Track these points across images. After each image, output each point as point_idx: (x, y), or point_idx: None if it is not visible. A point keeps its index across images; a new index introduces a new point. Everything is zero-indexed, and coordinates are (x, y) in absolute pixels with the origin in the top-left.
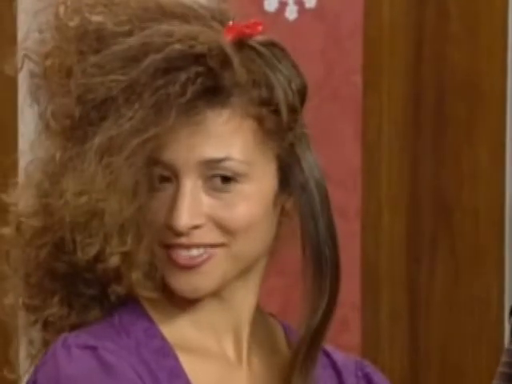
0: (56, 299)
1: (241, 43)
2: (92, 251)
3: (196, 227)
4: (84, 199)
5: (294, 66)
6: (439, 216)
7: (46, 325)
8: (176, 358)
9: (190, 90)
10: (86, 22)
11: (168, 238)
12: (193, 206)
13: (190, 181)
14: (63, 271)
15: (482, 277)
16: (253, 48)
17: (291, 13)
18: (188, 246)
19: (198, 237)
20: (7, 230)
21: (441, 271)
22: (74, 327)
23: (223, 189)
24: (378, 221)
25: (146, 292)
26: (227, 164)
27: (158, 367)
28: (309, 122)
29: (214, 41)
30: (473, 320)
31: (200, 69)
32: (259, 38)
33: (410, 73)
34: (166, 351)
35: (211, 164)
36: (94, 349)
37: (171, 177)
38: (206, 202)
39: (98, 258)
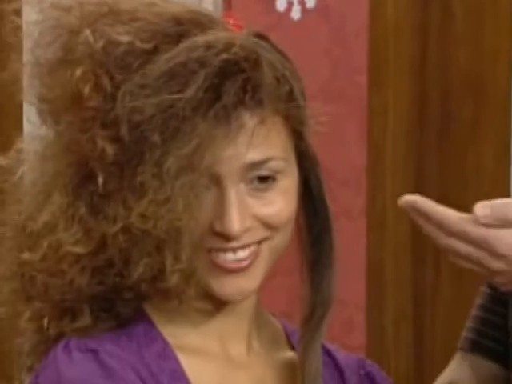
0: (87, 319)
1: None
2: (150, 272)
3: (247, 230)
4: (157, 221)
5: (285, 55)
6: None
7: (59, 336)
8: (177, 361)
9: (247, 98)
10: (112, 43)
11: (214, 243)
12: (241, 210)
13: (235, 186)
14: (102, 293)
15: (486, 276)
16: (258, 44)
17: (296, 13)
18: (237, 249)
19: (248, 237)
20: (32, 256)
21: (446, 271)
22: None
23: (264, 188)
24: (382, 220)
25: (199, 304)
26: (270, 164)
27: (159, 370)
28: (313, 121)
29: (247, 44)
30: None
31: (244, 75)
32: (248, 31)
33: (414, 72)
34: (166, 354)
35: (255, 166)
36: (95, 352)
37: (211, 184)
38: (251, 203)
39: (156, 277)
